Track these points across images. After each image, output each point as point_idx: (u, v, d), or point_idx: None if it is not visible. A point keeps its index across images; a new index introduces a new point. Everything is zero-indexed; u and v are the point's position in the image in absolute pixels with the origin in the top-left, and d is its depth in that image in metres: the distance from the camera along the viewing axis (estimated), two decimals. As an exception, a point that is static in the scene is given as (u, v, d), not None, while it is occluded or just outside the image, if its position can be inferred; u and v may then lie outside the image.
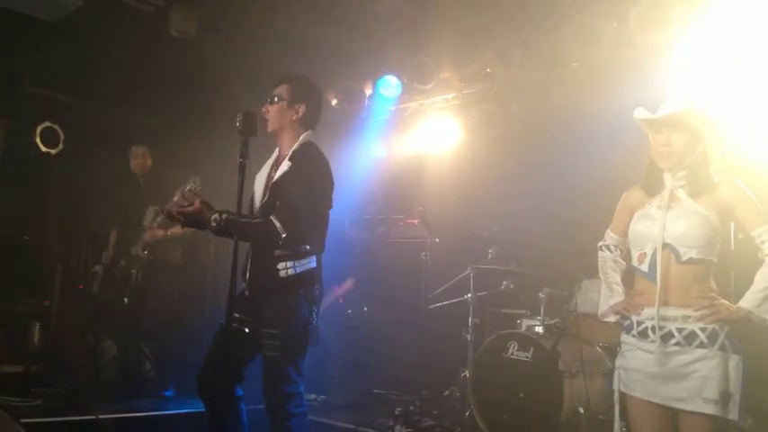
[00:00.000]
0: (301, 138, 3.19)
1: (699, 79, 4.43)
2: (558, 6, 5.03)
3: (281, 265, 3.03)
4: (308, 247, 3.08)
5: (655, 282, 2.55)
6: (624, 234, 2.78)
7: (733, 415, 2.40)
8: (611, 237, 2.90)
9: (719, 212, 2.53)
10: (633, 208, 2.74)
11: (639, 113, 2.63)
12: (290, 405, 3.01)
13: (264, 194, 3.16)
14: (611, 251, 2.90)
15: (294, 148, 3.16)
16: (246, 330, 3.10)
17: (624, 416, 2.70)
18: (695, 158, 2.57)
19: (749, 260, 2.62)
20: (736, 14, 4.32)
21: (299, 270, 3.04)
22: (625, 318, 2.70)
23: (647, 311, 2.58)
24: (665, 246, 2.54)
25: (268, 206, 3.09)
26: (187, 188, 3.30)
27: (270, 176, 3.20)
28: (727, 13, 4.34)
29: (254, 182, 3.24)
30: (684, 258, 2.51)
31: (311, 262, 3.10)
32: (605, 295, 2.85)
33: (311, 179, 3.10)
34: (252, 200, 3.24)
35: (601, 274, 2.91)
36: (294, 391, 3.04)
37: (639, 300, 2.63)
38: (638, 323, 2.61)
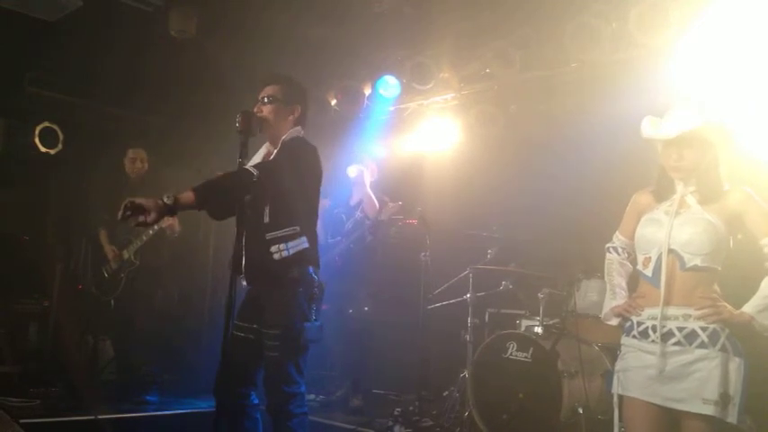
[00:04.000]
0: (291, 131, 3.24)
1: (698, 80, 4.43)
2: (557, 7, 5.03)
3: (273, 248, 3.05)
4: (297, 228, 3.10)
5: (657, 287, 2.55)
6: (632, 237, 2.77)
7: (732, 418, 2.39)
8: (619, 239, 2.89)
9: (728, 220, 2.53)
10: (641, 211, 2.73)
11: (648, 131, 2.61)
12: (292, 405, 3.02)
13: None
14: (618, 253, 2.89)
15: (283, 139, 3.21)
16: (251, 338, 3.12)
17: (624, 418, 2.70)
18: (706, 165, 2.57)
19: (749, 259, 2.62)
20: (735, 15, 4.32)
21: (291, 251, 3.07)
22: (626, 320, 2.70)
23: (648, 312, 2.58)
24: (670, 251, 2.54)
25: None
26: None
27: None
28: (726, 13, 4.34)
29: None
30: (689, 265, 2.51)
31: (303, 242, 3.11)
32: (608, 298, 2.83)
33: (297, 158, 3.14)
34: None
35: (606, 276, 2.90)
36: (296, 391, 3.05)
37: (641, 301, 2.63)
38: (639, 323, 2.61)
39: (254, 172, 2.93)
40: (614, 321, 2.77)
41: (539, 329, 4.70)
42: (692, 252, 2.50)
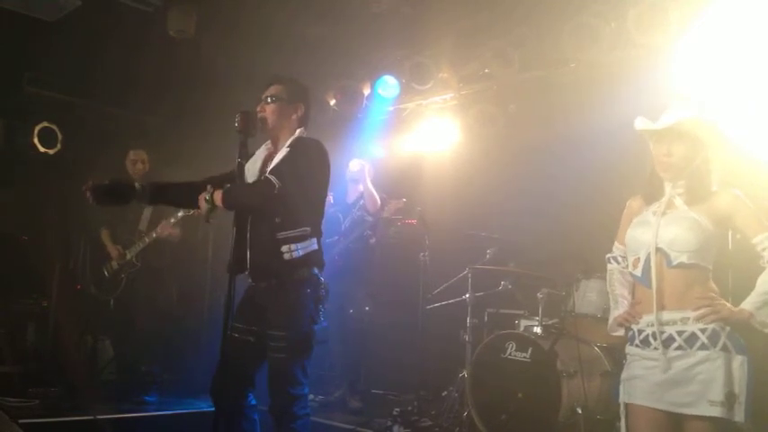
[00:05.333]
0: (297, 132, 3.25)
1: (697, 80, 4.43)
2: (556, 6, 5.03)
3: (284, 248, 3.04)
4: (308, 229, 3.10)
5: (649, 287, 2.55)
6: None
7: (739, 417, 2.38)
8: (617, 248, 2.89)
9: (716, 220, 2.53)
10: (633, 216, 2.74)
11: (640, 124, 2.63)
12: (296, 407, 3.02)
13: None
14: (618, 262, 2.88)
15: (292, 139, 3.21)
16: (251, 339, 3.11)
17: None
18: (696, 166, 2.57)
19: (746, 259, 2.62)
20: (734, 15, 4.32)
21: (302, 252, 3.06)
22: (629, 329, 2.70)
23: (646, 318, 2.58)
24: (658, 250, 2.54)
25: None
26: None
27: (264, 169, 3.21)
28: (725, 13, 4.34)
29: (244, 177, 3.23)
30: (675, 263, 2.51)
31: (313, 244, 3.12)
32: (612, 308, 2.84)
33: (309, 161, 3.14)
34: None
35: (608, 288, 2.90)
36: (300, 393, 3.04)
37: (638, 308, 2.63)
38: (639, 332, 2.60)
39: (276, 183, 2.94)
40: (620, 332, 2.77)
41: (538, 329, 4.70)
42: (678, 249, 2.51)
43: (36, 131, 6.29)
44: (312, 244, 3.11)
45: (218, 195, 3.00)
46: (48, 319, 5.93)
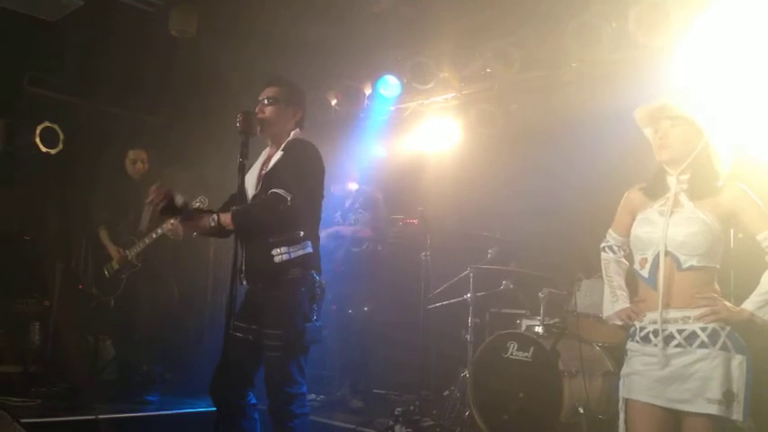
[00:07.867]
0: (292, 134, 3.26)
1: (699, 80, 4.43)
2: (557, 6, 5.03)
3: (275, 251, 3.06)
4: (301, 232, 3.11)
5: (655, 288, 2.55)
6: (626, 234, 2.76)
7: (737, 415, 2.38)
8: (613, 237, 2.88)
9: (722, 217, 2.52)
10: (635, 210, 2.73)
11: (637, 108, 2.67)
12: (294, 406, 3.03)
13: (257, 187, 3.20)
14: (614, 252, 2.87)
15: (287, 141, 3.23)
16: (251, 338, 3.11)
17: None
18: (697, 157, 2.56)
19: (748, 259, 2.62)
20: (736, 15, 4.32)
21: (293, 255, 3.08)
22: (629, 325, 2.70)
23: (649, 316, 2.58)
24: (667, 253, 2.53)
25: (262, 194, 3.13)
26: (196, 204, 3.42)
27: (261, 173, 3.24)
28: (727, 13, 4.34)
29: (245, 182, 3.25)
30: (685, 266, 2.51)
31: (306, 247, 3.12)
32: (609, 300, 2.82)
33: (305, 164, 3.16)
34: (244, 197, 3.26)
35: (604, 277, 2.89)
36: (297, 392, 3.05)
37: (642, 306, 2.63)
38: (641, 329, 2.61)
39: (287, 196, 2.97)
40: (618, 321, 2.77)
41: (539, 329, 4.70)
42: (688, 253, 2.50)
43: (38, 131, 6.29)
44: (306, 247, 3.12)
45: (225, 217, 3.04)
46: (49, 318, 5.93)
